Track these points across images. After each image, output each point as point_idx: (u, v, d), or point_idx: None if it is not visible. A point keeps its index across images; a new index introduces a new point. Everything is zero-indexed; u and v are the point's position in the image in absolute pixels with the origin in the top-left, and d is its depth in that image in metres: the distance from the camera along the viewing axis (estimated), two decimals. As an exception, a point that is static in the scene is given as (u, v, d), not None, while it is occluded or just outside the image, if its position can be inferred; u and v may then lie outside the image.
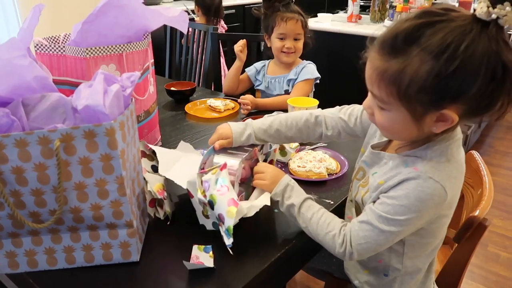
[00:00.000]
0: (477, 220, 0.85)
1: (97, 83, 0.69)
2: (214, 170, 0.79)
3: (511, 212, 2.22)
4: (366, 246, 0.74)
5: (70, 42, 0.98)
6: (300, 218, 0.80)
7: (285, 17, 1.52)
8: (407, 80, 0.62)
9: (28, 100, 0.70)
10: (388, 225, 0.71)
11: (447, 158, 0.71)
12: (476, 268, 1.83)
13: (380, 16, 2.69)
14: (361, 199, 0.82)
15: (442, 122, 0.66)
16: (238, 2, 3.80)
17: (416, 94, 0.62)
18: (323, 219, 0.79)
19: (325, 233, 0.77)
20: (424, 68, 0.60)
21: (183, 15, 1.09)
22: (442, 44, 0.59)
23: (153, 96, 1.18)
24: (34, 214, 0.70)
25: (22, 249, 0.73)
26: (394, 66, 0.63)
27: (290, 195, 0.82)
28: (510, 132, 3.22)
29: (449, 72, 0.59)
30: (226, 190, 0.75)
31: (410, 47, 0.62)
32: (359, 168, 0.87)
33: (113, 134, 0.65)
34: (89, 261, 0.75)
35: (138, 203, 0.79)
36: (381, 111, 0.70)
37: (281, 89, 1.62)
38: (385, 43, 0.65)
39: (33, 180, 0.66)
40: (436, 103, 0.63)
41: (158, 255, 0.78)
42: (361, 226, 0.74)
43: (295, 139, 0.96)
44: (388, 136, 0.80)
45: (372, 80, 0.68)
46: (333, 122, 0.94)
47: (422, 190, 0.68)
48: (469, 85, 0.60)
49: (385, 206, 0.72)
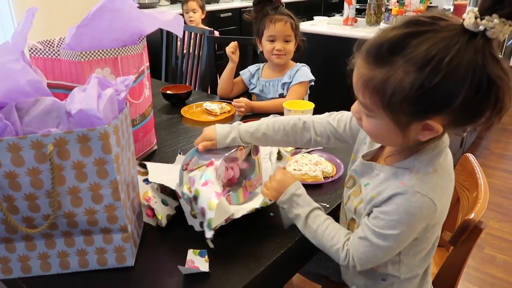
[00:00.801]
0: (473, 223, 0.85)
1: (91, 87, 0.68)
2: (201, 167, 0.80)
3: (507, 214, 2.23)
4: (366, 260, 0.76)
5: (64, 46, 0.97)
6: (306, 229, 0.82)
7: (274, 19, 1.54)
8: (390, 90, 0.61)
9: (21, 104, 0.69)
10: (384, 240, 0.72)
11: (434, 169, 0.71)
12: (473, 270, 1.83)
13: (376, 19, 2.70)
14: (354, 208, 0.82)
15: (427, 131, 0.66)
16: (235, 5, 3.81)
17: (400, 105, 0.62)
18: (328, 231, 0.79)
19: (330, 246, 0.79)
20: (407, 79, 0.59)
21: (178, 19, 1.09)
22: (426, 56, 0.58)
23: (149, 99, 1.18)
24: (27, 219, 0.69)
25: (16, 254, 0.73)
26: (378, 75, 0.63)
27: (296, 205, 0.82)
28: (505, 134, 3.23)
29: (433, 85, 0.58)
30: (210, 184, 0.75)
31: (395, 58, 0.61)
32: (350, 176, 0.87)
33: (107, 138, 0.65)
34: (83, 266, 0.75)
35: (133, 207, 0.79)
36: (368, 117, 0.70)
37: (276, 92, 1.63)
38: (370, 52, 0.64)
39: (27, 185, 0.65)
40: (419, 114, 0.63)
41: (153, 260, 0.78)
42: (360, 242, 0.75)
43: (281, 143, 0.96)
44: (376, 141, 0.81)
45: (357, 87, 0.68)
46: (322, 128, 0.94)
47: (410, 205, 0.69)
48: (452, 98, 0.59)
49: (379, 221, 0.73)
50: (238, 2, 4.05)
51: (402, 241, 0.74)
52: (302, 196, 0.83)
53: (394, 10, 2.50)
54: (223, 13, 3.67)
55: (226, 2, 3.93)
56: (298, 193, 0.83)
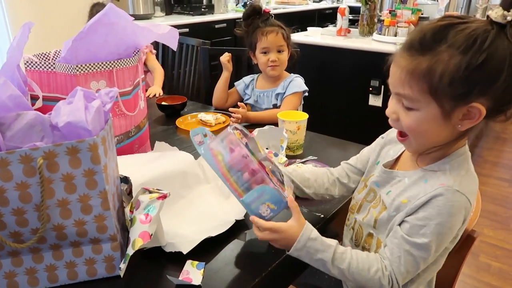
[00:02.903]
0: (466, 232, 0.86)
1: (78, 100, 0.69)
2: (153, 195, 0.78)
3: (501, 222, 2.24)
4: (409, 275, 0.75)
5: (60, 59, 0.98)
6: (335, 270, 0.75)
7: (265, 31, 1.56)
8: (438, 74, 0.65)
9: (3, 119, 0.69)
10: (426, 251, 0.71)
11: (466, 171, 0.73)
12: (468, 278, 1.83)
13: (368, 30, 2.74)
14: (374, 220, 0.81)
15: (467, 120, 0.68)
16: (229, 16, 3.85)
17: (448, 87, 0.65)
18: (361, 266, 0.75)
19: (369, 279, 0.74)
20: (453, 62, 0.64)
21: (173, 32, 1.10)
22: (468, 39, 0.63)
23: (144, 111, 1.19)
24: (15, 234, 0.68)
25: (1, 271, 0.71)
26: (424, 63, 0.66)
27: (315, 251, 0.75)
28: (499, 142, 3.26)
29: (478, 64, 0.63)
30: (148, 220, 0.74)
31: (438, 45, 0.65)
32: (370, 189, 0.87)
33: (96, 150, 0.65)
34: (72, 278, 0.74)
35: (118, 216, 0.79)
36: (408, 112, 0.71)
37: (270, 103, 1.64)
38: (413, 43, 0.68)
39: (15, 199, 0.65)
40: (465, 96, 0.66)
41: (143, 268, 0.78)
42: (401, 261, 0.73)
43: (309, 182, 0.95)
44: (413, 144, 0.76)
45: (401, 80, 0.69)
46: (340, 170, 0.98)
47: (452, 205, 0.69)
48: (495, 77, 0.64)
49: (418, 229, 0.71)
50: (233, 13, 4.08)
51: (442, 246, 0.73)
52: (319, 240, 0.76)
53: (386, 21, 2.54)
54: (218, 24, 3.70)
55: (221, 13, 3.96)
56: (313, 237, 0.76)
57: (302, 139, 1.28)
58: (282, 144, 1.17)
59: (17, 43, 0.85)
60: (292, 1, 5.04)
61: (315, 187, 0.95)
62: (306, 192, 0.94)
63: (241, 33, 1.65)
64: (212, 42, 2.37)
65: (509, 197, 2.49)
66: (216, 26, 3.68)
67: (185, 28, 3.34)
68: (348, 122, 2.57)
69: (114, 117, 1.05)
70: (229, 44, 3.71)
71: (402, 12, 2.56)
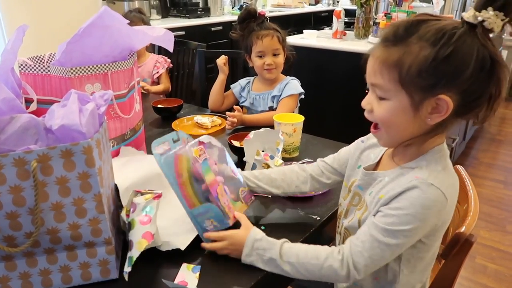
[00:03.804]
0: (464, 237, 0.86)
1: (72, 103, 0.69)
2: (148, 196, 0.79)
3: (497, 223, 2.25)
4: (372, 264, 0.74)
5: (54, 62, 0.98)
6: (286, 267, 0.76)
7: (261, 35, 1.56)
8: (407, 64, 0.68)
9: None
10: (394, 237, 0.72)
11: (442, 167, 0.74)
12: (465, 280, 1.84)
13: (364, 33, 2.75)
14: (358, 221, 0.81)
15: (436, 114, 0.70)
16: (226, 19, 3.85)
17: (416, 78, 0.68)
18: (309, 255, 0.76)
19: (320, 268, 0.75)
20: (422, 53, 0.67)
21: (168, 34, 1.10)
22: (438, 33, 0.66)
23: (139, 114, 1.19)
24: (8, 238, 0.68)
25: None
26: (395, 53, 0.69)
27: (263, 250, 0.78)
28: (494, 144, 3.28)
29: (445, 56, 0.65)
30: (148, 221, 0.75)
31: (410, 37, 0.68)
32: (354, 193, 0.87)
33: (91, 152, 0.65)
34: (66, 282, 0.74)
35: (113, 220, 0.78)
36: (381, 102, 0.73)
37: (266, 105, 1.64)
38: (388, 36, 0.72)
39: (8, 203, 0.64)
40: (432, 88, 0.68)
41: (138, 272, 0.77)
42: (365, 245, 0.73)
43: (278, 181, 0.96)
44: (385, 137, 0.78)
45: (374, 70, 0.72)
46: (315, 167, 0.98)
47: (426, 197, 0.70)
48: (462, 70, 0.66)
49: (389, 218, 0.72)
50: (229, 15, 4.09)
51: (412, 237, 0.73)
52: (264, 239, 0.79)
53: (381, 24, 2.54)
54: (214, 27, 3.70)
55: (217, 16, 3.97)
56: (259, 237, 0.79)
57: (298, 142, 1.28)
58: (278, 146, 1.17)
59: (11, 46, 0.85)
60: (288, 4, 5.05)
61: (284, 187, 0.96)
62: (275, 192, 0.96)
63: (237, 37, 1.65)
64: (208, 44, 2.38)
65: (504, 198, 2.50)
66: (212, 29, 3.69)
67: (182, 31, 3.34)
68: (344, 124, 2.57)
69: (109, 120, 1.05)
70: (225, 46, 3.71)
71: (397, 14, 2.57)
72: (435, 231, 0.77)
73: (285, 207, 1.00)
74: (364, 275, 0.75)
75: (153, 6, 3.63)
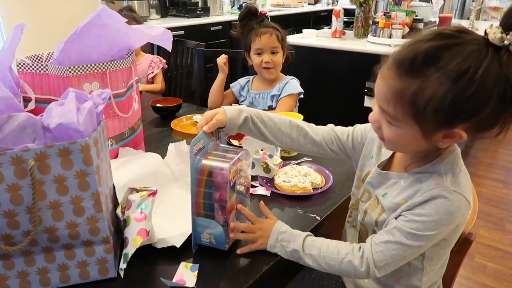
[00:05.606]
0: (463, 236, 0.86)
1: (69, 101, 0.69)
2: (143, 193, 0.79)
3: (497, 222, 2.25)
4: (393, 264, 0.75)
5: (53, 61, 0.98)
6: (308, 259, 0.79)
7: (259, 32, 1.56)
8: (424, 100, 0.63)
9: None
10: (417, 240, 0.72)
11: (459, 169, 0.74)
12: (464, 279, 1.84)
13: (363, 32, 2.75)
14: (375, 221, 0.81)
15: (449, 139, 0.68)
16: (225, 18, 3.85)
17: (432, 115, 0.64)
18: (331, 249, 0.78)
19: (340, 262, 0.77)
20: (441, 90, 0.61)
21: (167, 33, 1.10)
22: (460, 68, 0.60)
23: (138, 113, 1.19)
24: (6, 236, 0.67)
25: None
26: (411, 86, 0.64)
27: (287, 242, 0.80)
28: (493, 144, 3.28)
29: (466, 96, 0.61)
30: (143, 218, 0.75)
31: (429, 69, 0.62)
32: (364, 190, 0.87)
33: (88, 151, 0.65)
34: (65, 281, 0.74)
35: (112, 219, 0.78)
36: (390, 126, 0.71)
37: (265, 104, 1.64)
38: (403, 63, 0.65)
39: (6, 201, 0.64)
40: (448, 123, 0.65)
41: (136, 271, 0.77)
42: (387, 247, 0.74)
43: (284, 136, 0.90)
44: (393, 149, 0.80)
45: (387, 99, 0.68)
46: (325, 133, 0.94)
47: (450, 204, 0.70)
48: (482, 108, 0.62)
49: (413, 223, 0.72)
50: (229, 15, 4.09)
51: (435, 239, 0.74)
52: (289, 231, 0.82)
53: (381, 23, 2.55)
54: (213, 26, 3.70)
55: (216, 16, 3.97)
56: (284, 229, 0.82)
57: (297, 141, 1.28)
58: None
59: (9, 45, 0.85)
60: (288, 4, 5.05)
61: (288, 143, 0.91)
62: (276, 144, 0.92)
63: (237, 34, 1.66)
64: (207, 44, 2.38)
65: (504, 198, 2.50)
66: (212, 28, 3.69)
67: (181, 30, 3.34)
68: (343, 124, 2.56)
69: (108, 119, 1.04)
70: (225, 46, 3.71)
71: (396, 14, 2.57)
72: (456, 229, 0.77)
73: (283, 206, 1.00)
74: (385, 273, 0.76)
75: (152, 5, 3.63)
